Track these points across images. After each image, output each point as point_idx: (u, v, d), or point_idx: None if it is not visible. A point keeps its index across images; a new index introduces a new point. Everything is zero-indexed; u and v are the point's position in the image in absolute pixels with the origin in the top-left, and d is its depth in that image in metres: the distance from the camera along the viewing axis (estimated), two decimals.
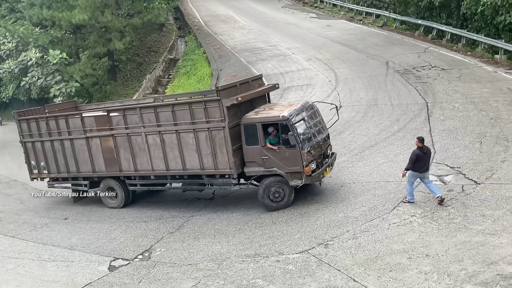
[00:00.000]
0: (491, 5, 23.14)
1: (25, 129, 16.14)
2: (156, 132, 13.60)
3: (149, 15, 32.81)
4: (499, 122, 15.91)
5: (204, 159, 13.12)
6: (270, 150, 12.52)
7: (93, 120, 14.70)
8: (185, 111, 13.10)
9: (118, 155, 14.45)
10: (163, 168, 13.83)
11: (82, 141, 14.95)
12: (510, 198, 11.31)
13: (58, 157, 15.66)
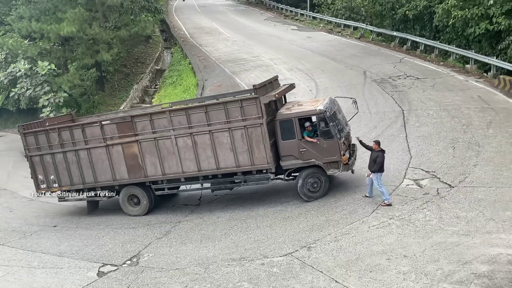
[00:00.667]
0: (462, 18, 24.06)
1: (32, 142, 15.38)
2: (188, 134, 13.64)
3: (136, 28, 33.23)
4: (471, 128, 16.54)
5: (240, 156, 13.38)
6: (309, 142, 13.09)
7: (114, 127, 14.38)
8: (220, 111, 13.33)
9: (143, 161, 14.24)
10: (194, 169, 13.86)
11: (101, 149, 14.55)
12: (482, 200, 11.85)
13: (72, 169, 15.06)
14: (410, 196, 12.63)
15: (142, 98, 36.15)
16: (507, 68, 21.87)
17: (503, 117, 17.33)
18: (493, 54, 23.71)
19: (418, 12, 29.89)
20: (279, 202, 13.84)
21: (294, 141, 13.17)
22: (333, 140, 13.00)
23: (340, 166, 13.11)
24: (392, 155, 15.34)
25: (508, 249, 9.72)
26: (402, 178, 13.76)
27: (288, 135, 13.18)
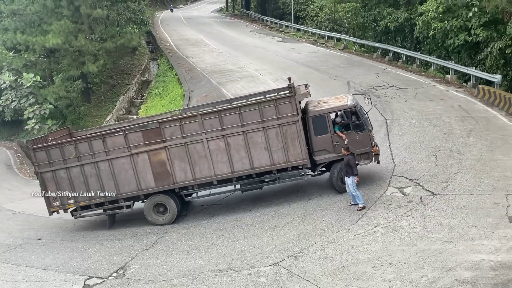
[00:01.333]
0: (441, 30, 24.70)
1: (43, 158, 14.41)
2: (220, 137, 13.67)
3: (122, 39, 33.30)
4: (452, 136, 16.91)
5: (275, 154, 13.62)
6: (340, 136, 13.65)
7: (140, 135, 14.00)
8: (254, 112, 13.51)
9: (172, 167, 13.97)
10: (227, 171, 13.87)
11: (124, 159, 14.01)
12: (465, 207, 12.10)
13: (91, 182, 14.32)
14: (394, 204, 12.83)
15: (128, 109, 36.10)
16: (485, 78, 22.43)
17: (482, 125, 17.75)
18: (472, 64, 24.31)
19: (399, 24, 30.59)
20: (265, 212, 13.93)
21: (327, 136, 13.70)
22: (365, 132, 13.76)
23: (370, 157, 13.86)
24: (376, 164, 15.56)
25: (490, 255, 9.94)
26: (386, 186, 13.97)
27: (321, 131, 13.71)
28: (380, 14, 32.38)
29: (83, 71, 31.08)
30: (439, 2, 25.32)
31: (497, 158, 14.89)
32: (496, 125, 17.84)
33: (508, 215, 11.44)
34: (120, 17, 37.73)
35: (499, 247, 10.25)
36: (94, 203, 14.59)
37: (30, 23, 30.81)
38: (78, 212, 14.90)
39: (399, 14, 30.66)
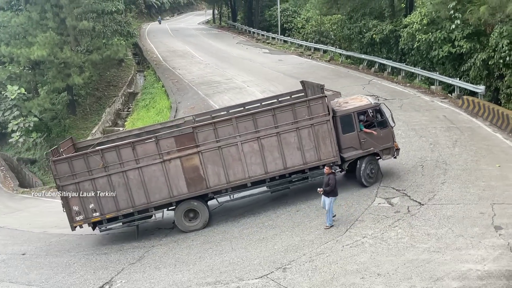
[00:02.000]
0: (426, 41, 25.12)
1: (65, 170, 13.62)
2: (255, 139, 13.81)
3: (108, 51, 33.22)
4: (438, 147, 17.09)
5: (307, 154, 14.05)
6: (368, 133, 14.43)
7: (172, 141, 13.75)
8: (288, 113, 13.85)
9: (205, 172, 13.86)
10: (261, 172, 14.02)
11: (155, 166, 13.67)
12: (451, 217, 12.19)
13: (119, 192, 13.78)
14: (382, 214, 12.87)
15: (114, 121, 35.90)
16: (469, 89, 22.78)
17: (467, 136, 17.98)
18: (457, 75, 24.70)
19: (384, 36, 31.02)
20: (253, 224, 13.86)
21: (354, 134, 14.41)
22: (388, 129, 14.75)
23: (392, 152, 14.82)
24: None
25: (477, 265, 10.00)
26: (374, 197, 14.03)
27: (348, 129, 14.39)
28: (366, 26, 32.83)
29: (68, 83, 30.89)
30: (423, 14, 25.78)
31: (482, 167, 15.07)
32: (480, 135, 18.09)
33: (494, 225, 11.55)
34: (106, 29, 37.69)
35: (486, 256, 10.33)
36: (122, 214, 14.06)
37: (14, 35, 30.61)
38: (104, 225, 14.25)
39: (384, 26, 31.12)
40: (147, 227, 15.34)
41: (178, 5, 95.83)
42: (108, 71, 40.41)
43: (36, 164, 34.57)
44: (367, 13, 33.59)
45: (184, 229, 14.29)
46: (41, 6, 31.44)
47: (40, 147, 34.78)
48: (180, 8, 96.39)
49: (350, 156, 14.49)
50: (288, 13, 50.44)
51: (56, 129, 32.86)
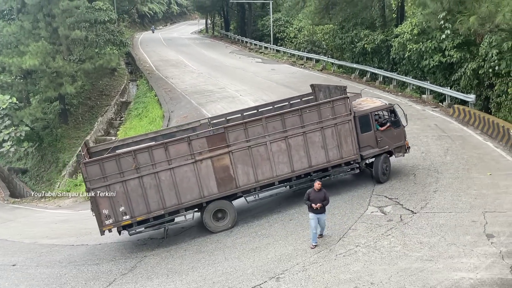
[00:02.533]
0: (416, 51, 25.42)
1: (96, 172, 13.20)
2: (282, 138, 14.13)
3: (100, 60, 33.22)
4: (429, 155, 17.21)
5: (330, 152, 14.59)
6: (384, 132, 15.25)
7: (204, 141, 13.80)
8: (313, 113, 14.35)
9: (235, 171, 13.98)
10: (288, 171, 14.36)
11: (187, 167, 13.60)
12: (443, 225, 12.25)
13: (150, 194, 13.52)
14: (374, 223, 12.89)
15: (107, 131, 35.77)
16: (460, 98, 23.02)
17: (459, 144, 18.13)
18: (447, 84, 24.96)
19: (376, 46, 31.33)
20: (246, 233, 13.81)
21: (371, 133, 15.10)
22: (400, 128, 15.61)
23: (403, 150, 15.70)
24: (356, 183, 15.72)
25: (470, 273, 10.04)
26: (366, 205, 14.06)
27: (366, 128, 15.07)
28: (357, 36, 33.15)
29: (60, 92, 30.79)
30: (414, 24, 26.10)
31: (473, 176, 15.18)
32: (471, 143, 18.24)
33: (486, 233, 11.61)
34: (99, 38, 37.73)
35: (478, 264, 10.37)
36: (153, 216, 13.77)
37: (6, 44, 30.54)
38: (134, 228, 13.85)
39: (376, 36, 31.44)
40: (140, 237, 15.22)
41: (171, 14, 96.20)
42: (100, 80, 40.36)
43: (27, 174, 34.30)
44: (358, 23, 33.96)
45: (213, 229, 14.26)
46: (33, 16, 31.44)
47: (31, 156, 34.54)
48: (173, 18, 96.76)
49: (368, 154, 15.16)
50: (280, 23, 50.84)
51: (47, 138, 32.68)
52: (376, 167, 15.29)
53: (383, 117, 15.71)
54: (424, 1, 18.72)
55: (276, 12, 51.78)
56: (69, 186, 27.57)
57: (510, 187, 14.15)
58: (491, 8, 16.04)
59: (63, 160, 31.45)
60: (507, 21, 15.73)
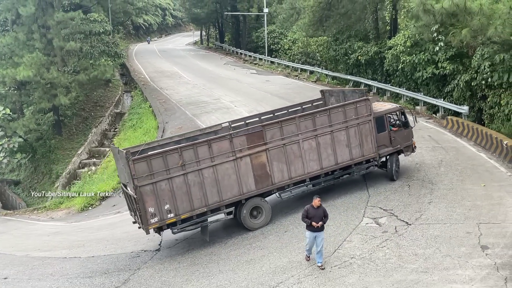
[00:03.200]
0: (410, 63, 25.64)
1: (143, 169, 12.90)
2: (313, 137, 14.80)
3: (95, 72, 33.24)
4: (424, 166, 17.25)
5: (353, 150, 15.40)
6: (396, 132, 16.36)
7: (244, 138, 14.06)
8: (340, 113, 15.16)
9: (271, 168, 14.34)
10: (317, 168, 14.99)
11: (228, 164, 13.81)
12: (438, 237, 12.23)
13: (193, 191, 13.47)
14: (369, 234, 12.86)
15: (101, 142, 35.65)
16: (453, 109, 23.17)
17: (452, 155, 18.20)
18: (441, 96, 25.13)
19: (369, 57, 31.57)
20: (241, 245, 13.72)
21: (386, 133, 16.09)
22: (409, 129, 16.71)
23: (411, 149, 16.80)
24: (351, 194, 15.72)
25: (465, 285, 10.02)
26: (361, 217, 14.03)
27: (381, 128, 16.00)
28: (351, 47, 33.40)
29: (54, 103, 30.72)
30: (407, 36, 26.34)
31: (467, 187, 15.22)
32: (465, 155, 18.32)
33: (481, 244, 11.62)
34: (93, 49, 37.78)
35: (473, 276, 10.35)
36: (196, 214, 13.71)
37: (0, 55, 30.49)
38: (178, 226, 13.66)
39: (369, 48, 31.69)
40: (133, 249, 15.10)
41: (166, 26, 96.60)
42: (95, 91, 40.34)
43: (20, 185, 34.03)
44: (352, 35, 34.24)
45: (250, 227, 14.45)
46: (28, 27, 31.47)
47: (24, 168, 34.30)
48: (168, 30, 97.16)
49: (384, 153, 16.10)
50: (275, 35, 51.16)
51: (41, 149, 32.49)
52: (391, 165, 16.25)
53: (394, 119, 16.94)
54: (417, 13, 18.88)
55: (270, 24, 52.13)
56: (62, 198, 27.37)
57: (504, 198, 14.19)
58: (483, 21, 16.22)
59: (56, 171, 31.25)
60: (499, 33, 15.90)
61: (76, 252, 15.88)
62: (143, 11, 76.60)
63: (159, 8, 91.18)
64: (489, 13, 16.25)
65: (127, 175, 13.11)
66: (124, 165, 12.99)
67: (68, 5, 41.17)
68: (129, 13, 59.42)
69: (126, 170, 13.01)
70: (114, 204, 22.56)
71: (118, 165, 14.43)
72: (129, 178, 12.96)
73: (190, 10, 65.00)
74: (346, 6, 32.82)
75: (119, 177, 15.09)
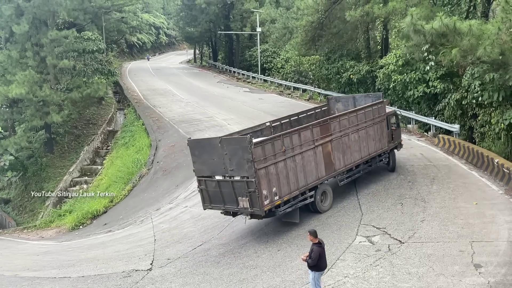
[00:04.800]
0: (401, 82, 25.94)
1: (260, 154, 13.82)
2: (356, 131, 16.95)
3: (88, 90, 33.28)
4: (416, 184, 17.30)
5: (377, 143, 17.83)
6: (395, 130, 19.10)
7: (318, 129, 15.64)
8: (370, 112, 17.58)
9: (333, 157, 16.11)
10: (358, 158, 17.09)
11: (310, 151, 15.29)
12: (431, 255, 12.19)
13: (290, 176, 14.59)
14: (363, 253, 12.78)
15: (93, 160, 35.47)
16: (445, 127, 23.37)
17: (444, 173, 18.28)
18: (432, 114, 25.37)
19: (361, 76, 31.94)
20: (234, 264, 13.58)
21: (389, 131, 18.66)
22: (399, 128, 19.96)
23: (400, 146, 19.59)
24: (344, 212, 15.69)
25: None
26: (354, 235, 13.97)
27: (388, 127, 18.49)
28: (343, 66, 33.78)
29: (46, 121, 30.63)
30: (398, 56, 26.70)
31: (460, 205, 15.26)
32: (457, 173, 18.41)
33: (474, 263, 11.59)
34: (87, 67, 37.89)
35: None
36: (292, 197, 14.79)
37: None
38: (281, 208, 14.51)
39: (361, 67, 32.07)
40: (124, 268, 14.89)
41: (160, 44, 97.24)
42: (88, 109, 40.30)
43: (10, 204, 33.62)
44: (344, 54, 34.67)
45: (322, 210, 15.83)
46: (21, 45, 31.54)
47: (15, 186, 33.94)
48: (162, 48, 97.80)
49: (389, 147, 18.58)
50: (268, 54, 51.68)
51: (32, 167, 32.22)
52: (393, 158, 18.89)
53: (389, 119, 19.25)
54: (408, 34, 19.20)
55: (263, 43, 52.67)
56: (52, 216, 27.05)
57: (496, 216, 14.22)
58: (472, 42, 16.49)
59: (47, 190, 30.95)
60: (488, 53, 16.16)
61: (66, 272, 15.62)
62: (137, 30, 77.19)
63: (153, 27, 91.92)
64: (478, 34, 16.55)
65: (236, 161, 13.95)
66: (239, 150, 13.84)
67: (62, 23, 41.40)
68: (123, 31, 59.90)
69: (238, 156, 13.85)
70: (106, 223, 22.33)
71: (199, 157, 15.11)
72: (243, 163, 13.78)
73: (184, 29, 65.58)
74: (338, 26, 33.27)
75: (199, 170, 15.25)
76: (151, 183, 25.24)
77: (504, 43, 16.09)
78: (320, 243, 10.43)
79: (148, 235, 17.94)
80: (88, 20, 42.05)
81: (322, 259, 10.43)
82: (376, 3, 28.50)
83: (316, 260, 10.28)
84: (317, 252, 10.30)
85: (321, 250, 10.33)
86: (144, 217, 20.37)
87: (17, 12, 30.70)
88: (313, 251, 10.33)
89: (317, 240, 10.43)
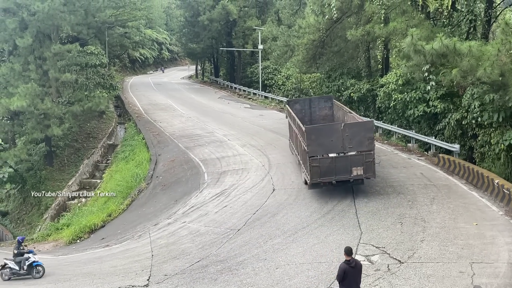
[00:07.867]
0: (401, 101, 26.05)
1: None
2: None
3: (89, 103, 33.43)
4: (416, 204, 17.19)
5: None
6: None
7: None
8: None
9: None
10: None
11: None
12: (431, 276, 12.07)
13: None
14: (362, 272, 12.63)
15: (92, 173, 35.45)
16: (445, 147, 23.37)
17: (444, 193, 18.21)
18: (432, 134, 25.38)
19: (362, 95, 32.04)
20: (231, 282, 13.42)
21: None
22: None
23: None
24: (343, 230, 15.59)
25: None
26: (354, 254, 13.82)
27: None
28: (344, 84, 33.92)
29: (47, 134, 30.70)
30: (399, 75, 26.84)
31: (460, 226, 15.16)
32: (457, 193, 18.34)
33: (474, 284, 11.45)
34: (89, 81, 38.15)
35: None
36: None
37: None
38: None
39: (362, 85, 32.21)
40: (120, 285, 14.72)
41: (162, 60, 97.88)
42: (88, 122, 40.41)
43: (7, 216, 33.45)
44: (345, 72, 34.84)
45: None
46: (24, 58, 31.77)
47: (13, 199, 33.84)
48: (164, 63, 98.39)
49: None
50: (269, 71, 51.96)
51: (31, 180, 32.17)
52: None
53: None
54: (408, 54, 19.37)
55: (265, 60, 53.02)
56: (50, 229, 26.87)
57: (496, 237, 14.12)
58: (472, 62, 16.60)
59: (45, 203, 30.83)
60: (488, 74, 16.26)
61: (62, 287, 15.44)
62: (139, 45, 77.75)
63: (155, 43, 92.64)
64: (478, 55, 16.69)
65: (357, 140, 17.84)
66: (362, 131, 18.00)
67: (65, 37, 41.77)
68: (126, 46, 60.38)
69: (360, 135, 17.89)
70: (103, 237, 22.16)
71: (315, 140, 17.78)
72: (364, 141, 17.81)
73: (186, 45, 66.04)
74: (339, 44, 33.53)
75: (313, 151, 17.83)
76: (150, 197, 25.15)
77: (504, 64, 16.22)
78: (349, 261, 9.98)
79: (146, 250, 17.80)
80: (92, 34, 42.46)
81: (348, 279, 9.91)
82: (377, 23, 28.74)
83: (339, 277, 9.96)
84: (341, 269, 9.94)
85: (346, 268, 9.89)
86: (142, 232, 20.21)
87: (21, 26, 30.99)
88: (339, 268, 10.04)
89: (349, 258, 10.03)
